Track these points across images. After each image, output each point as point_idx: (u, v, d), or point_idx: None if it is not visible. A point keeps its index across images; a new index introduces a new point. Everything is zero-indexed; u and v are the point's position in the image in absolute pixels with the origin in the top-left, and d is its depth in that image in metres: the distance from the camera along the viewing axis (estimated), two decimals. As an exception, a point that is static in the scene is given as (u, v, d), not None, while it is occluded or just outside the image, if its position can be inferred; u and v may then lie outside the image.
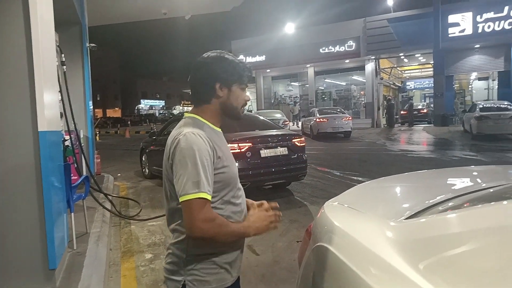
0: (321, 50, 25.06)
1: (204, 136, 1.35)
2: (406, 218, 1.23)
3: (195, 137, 1.33)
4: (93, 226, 4.67)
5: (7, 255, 2.87)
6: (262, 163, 6.20)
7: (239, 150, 5.90)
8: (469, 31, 20.82)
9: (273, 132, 6.87)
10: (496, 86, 24.47)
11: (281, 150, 6.47)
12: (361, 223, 1.28)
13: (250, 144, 6.10)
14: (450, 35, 21.27)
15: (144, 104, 76.47)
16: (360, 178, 7.92)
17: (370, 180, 2.23)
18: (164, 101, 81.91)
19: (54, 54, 3.48)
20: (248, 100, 1.53)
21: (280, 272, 3.73)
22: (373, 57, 24.17)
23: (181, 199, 1.28)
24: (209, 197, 1.29)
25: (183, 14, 9.75)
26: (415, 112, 24.98)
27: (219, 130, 1.50)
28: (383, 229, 1.14)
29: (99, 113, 64.00)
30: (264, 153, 6.26)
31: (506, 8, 19.78)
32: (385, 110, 24.31)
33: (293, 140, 6.69)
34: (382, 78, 25.97)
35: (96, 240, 4.14)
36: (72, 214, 3.99)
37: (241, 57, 28.14)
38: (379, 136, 18.32)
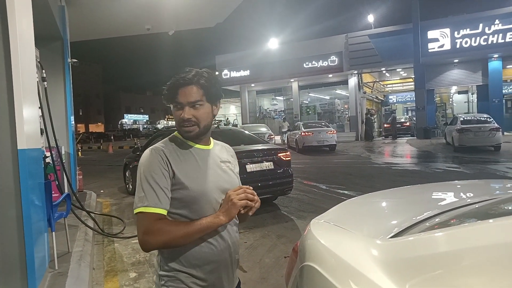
0: (304, 65, 25.40)
1: (161, 150, 1.38)
2: (393, 236, 1.22)
3: (149, 153, 1.39)
4: (75, 245, 4.53)
5: (-17, 278, 2.76)
6: (248, 178, 6.16)
7: (224, 165, 5.86)
8: (447, 46, 21.45)
9: (259, 146, 6.86)
10: (476, 99, 25.15)
11: (267, 165, 6.46)
12: (348, 242, 1.26)
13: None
14: (430, 50, 21.86)
15: (128, 119, 75.80)
16: (346, 192, 7.94)
17: (356, 193, 2.24)
18: (148, 116, 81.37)
19: (34, 70, 3.41)
20: (182, 118, 1.40)
21: (269, 289, 3.68)
22: (355, 72, 24.62)
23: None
24: (150, 210, 1.30)
25: (167, 30, 9.77)
26: (398, 125, 25.41)
27: (202, 147, 1.48)
28: (369, 248, 1.12)
29: (81, 128, 63.05)
30: (250, 167, 6.24)
31: (481, 25, 20.54)
32: (363, 124, 24.65)
33: (278, 155, 6.69)
34: (365, 92, 26.45)
35: (78, 260, 4.01)
36: (53, 233, 3.87)
37: (226, 71, 28.42)
38: (364, 149, 18.52)
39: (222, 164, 1.51)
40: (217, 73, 30.55)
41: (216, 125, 7.63)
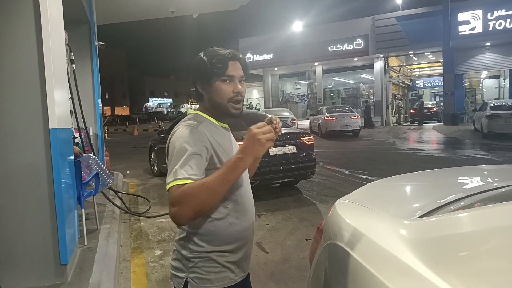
0: (329, 48, 24.98)
1: (199, 128, 1.33)
2: (419, 217, 1.22)
3: (185, 129, 1.32)
4: (103, 222, 4.70)
5: (20, 251, 2.91)
6: (270, 161, 6.19)
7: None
8: (479, 29, 20.59)
9: (282, 130, 6.84)
10: (507, 85, 24.16)
11: (290, 148, 6.46)
12: (374, 221, 1.26)
13: (258, 142, 6.10)
14: (460, 33, 21.05)
15: (152, 102, 76.82)
16: (369, 177, 7.87)
17: (379, 179, 2.22)
18: (171, 99, 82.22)
19: (64, 53, 3.50)
20: (238, 91, 1.35)
21: (290, 270, 3.73)
22: (381, 55, 24.03)
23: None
24: (183, 182, 1.20)
25: (191, 13, 9.74)
26: (425, 111, 24.77)
27: (225, 126, 1.46)
28: (397, 227, 1.12)
29: (107, 111, 64.40)
30: (273, 151, 6.25)
31: (518, 5, 19.53)
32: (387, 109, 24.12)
33: (301, 138, 6.67)
34: (391, 77, 25.80)
35: (107, 236, 4.16)
36: (83, 210, 4.03)
37: (249, 55, 28.25)
38: (388, 134, 18.20)
39: (237, 143, 1.49)
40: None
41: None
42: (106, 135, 20.82)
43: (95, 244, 3.88)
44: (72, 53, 5.49)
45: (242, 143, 1.24)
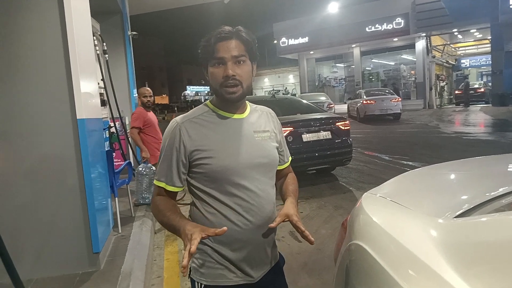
0: (367, 29, 24.00)
1: (181, 125, 1.30)
2: (460, 215, 1.03)
3: (170, 127, 1.34)
4: (138, 210, 4.77)
5: (54, 240, 2.97)
6: (304, 148, 6.03)
7: (280, 135, 5.77)
8: (533, 0, 18.97)
9: (316, 115, 6.65)
10: None
11: (324, 134, 6.26)
12: (404, 220, 1.09)
13: (291, 128, 5.95)
14: (511, 6, 19.49)
15: (190, 91, 77.93)
16: (410, 163, 7.51)
17: (421, 164, 2.02)
18: (209, 87, 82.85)
19: (91, 43, 3.49)
20: (227, 75, 1.24)
21: (323, 260, 3.60)
22: (423, 34, 22.76)
23: None
24: (158, 184, 1.34)
25: (222, -2, 9.62)
26: (471, 92, 23.38)
27: (231, 115, 1.34)
28: (428, 228, 0.96)
29: (148, 100, 65.92)
30: (306, 137, 6.08)
31: None
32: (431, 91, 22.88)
33: (337, 124, 6.44)
34: (434, 56, 24.44)
35: (140, 224, 4.21)
36: (116, 198, 4.09)
37: (283, 39, 27.82)
38: (432, 117, 17.36)
39: (256, 135, 1.35)
40: (275, 41, 30.00)
41: (271, 95, 7.51)
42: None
43: (129, 232, 3.93)
44: (104, 44, 5.54)
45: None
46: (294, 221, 1.30)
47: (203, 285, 1.33)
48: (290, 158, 1.55)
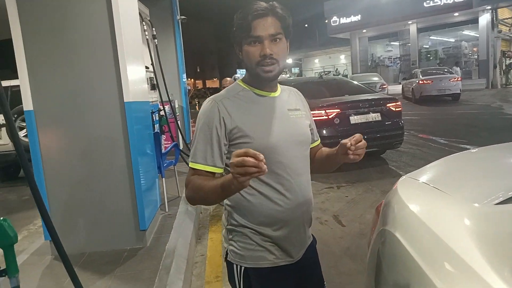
0: (425, 4, 22.50)
1: (219, 102, 1.26)
2: (504, 201, 0.93)
3: (206, 105, 1.29)
4: (184, 190, 4.92)
5: (105, 217, 3.16)
6: (351, 130, 5.84)
7: (326, 117, 5.65)
8: None
9: (365, 96, 6.41)
10: None
11: (374, 116, 6.03)
12: (439, 207, 1.01)
13: (338, 110, 5.79)
14: None
15: (240, 74, 78.28)
16: (467, 146, 7.06)
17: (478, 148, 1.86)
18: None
19: (138, 29, 3.60)
20: (265, 55, 1.20)
21: (366, 246, 3.51)
22: (488, 7, 20.92)
23: None
24: (195, 166, 1.25)
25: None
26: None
27: (268, 94, 1.33)
28: (463, 215, 0.88)
29: (199, 84, 67.46)
30: (354, 119, 5.90)
31: None
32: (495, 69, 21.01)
33: (387, 105, 6.17)
34: (500, 31, 22.42)
35: (187, 204, 4.35)
36: (164, 179, 4.24)
37: (334, 18, 26.93)
38: (495, 98, 16.10)
39: (290, 113, 1.35)
40: (326, 21, 29.13)
41: (319, 75, 7.35)
42: (196, 107, 21.83)
43: (175, 211, 4.08)
44: (154, 29, 5.69)
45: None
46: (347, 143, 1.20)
47: (243, 268, 1.32)
48: (319, 139, 1.53)
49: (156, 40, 5.70)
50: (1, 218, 1.43)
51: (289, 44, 1.32)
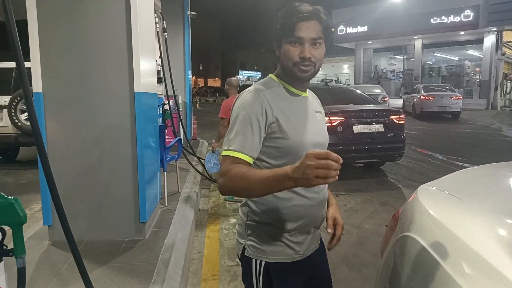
0: (432, 21, 22.64)
1: (262, 95, 1.26)
2: None
3: (248, 95, 1.28)
4: (184, 186, 4.91)
5: (107, 206, 3.13)
6: (354, 139, 5.87)
7: (329, 124, 5.65)
8: None
9: (369, 107, 6.43)
10: None
11: (377, 127, 6.04)
12: (465, 216, 1.02)
13: (342, 118, 5.80)
14: None
15: (242, 75, 78.42)
16: (466, 164, 7.09)
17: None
18: (261, 72, 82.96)
19: (152, 20, 3.59)
20: (304, 57, 1.22)
21: (364, 255, 3.51)
22: (494, 29, 21.08)
23: None
24: (233, 154, 1.20)
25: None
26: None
27: (299, 93, 1.35)
28: (495, 226, 0.88)
29: (201, 82, 67.47)
30: (357, 129, 5.91)
31: None
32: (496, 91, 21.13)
33: (391, 117, 6.19)
34: (504, 53, 22.62)
35: (186, 200, 4.33)
36: (165, 173, 4.23)
37: (341, 27, 27.00)
38: (494, 119, 16.20)
39: (316, 115, 1.39)
40: (332, 29, 29.20)
41: (325, 82, 7.36)
42: (197, 105, 21.84)
43: (175, 206, 4.06)
44: (164, 22, 5.68)
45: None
46: (338, 224, 1.39)
47: (263, 263, 1.32)
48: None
49: (166, 33, 5.69)
50: (12, 197, 1.41)
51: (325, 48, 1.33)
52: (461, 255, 0.85)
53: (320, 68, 1.33)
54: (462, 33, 22.33)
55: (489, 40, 21.59)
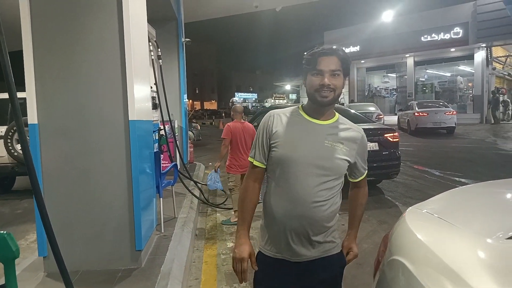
0: (422, 39, 23.10)
1: (275, 115, 1.59)
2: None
3: (266, 116, 1.63)
4: (181, 211, 4.89)
5: (100, 236, 3.12)
6: (349, 159, 5.89)
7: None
8: None
9: (362, 126, 6.47)
10: None
11: (371, 146, 6.08)
12: (450, 239, 1.03)
13: (337, 138, 5.83)
14: None
15: (238, 97, 78.99)
16: (463, 180, 7.11)
17: (476, 182, 1.90)
18: (256, 94, 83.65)
19: (146, 48, 3.66)
20: (323, 84, 1.48)
21: (363, 276, 3.48)
22: (483, 45, 21.49)
23: None
24: (250, 159, 1.63)
25: (274, 6, 9.71)
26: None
27: (315, 120, 1.56)
28: (477, 248, 0.90)
29: (197, 105, 67.87)
30: (352, 148, 5.94)
31: None
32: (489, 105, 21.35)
33: (385, 135, 6.24)
34: (494, 68, 22.99)
35: (182, 225, 4.31)
36: (161, 199, 4.22)
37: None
38: (489, 133, 16.32)
39: (326, 141, 1.53)
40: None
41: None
42: (199, 127, 21.89)
43: (171, 232, 4.04)
44: (159, 49, 5.79)
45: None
46: (352, 258, 1.74)
47: (258, 251, 1.65)
48: (363, 176, 1.74)
49: (160, 60, 5.79)
50: (4, 232, 1.42)
51: (345, 81, 1.57)
52: (446, 279, 0.86)
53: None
54: (453, 49, 22.76)
55: (480, 55, 21.98)
